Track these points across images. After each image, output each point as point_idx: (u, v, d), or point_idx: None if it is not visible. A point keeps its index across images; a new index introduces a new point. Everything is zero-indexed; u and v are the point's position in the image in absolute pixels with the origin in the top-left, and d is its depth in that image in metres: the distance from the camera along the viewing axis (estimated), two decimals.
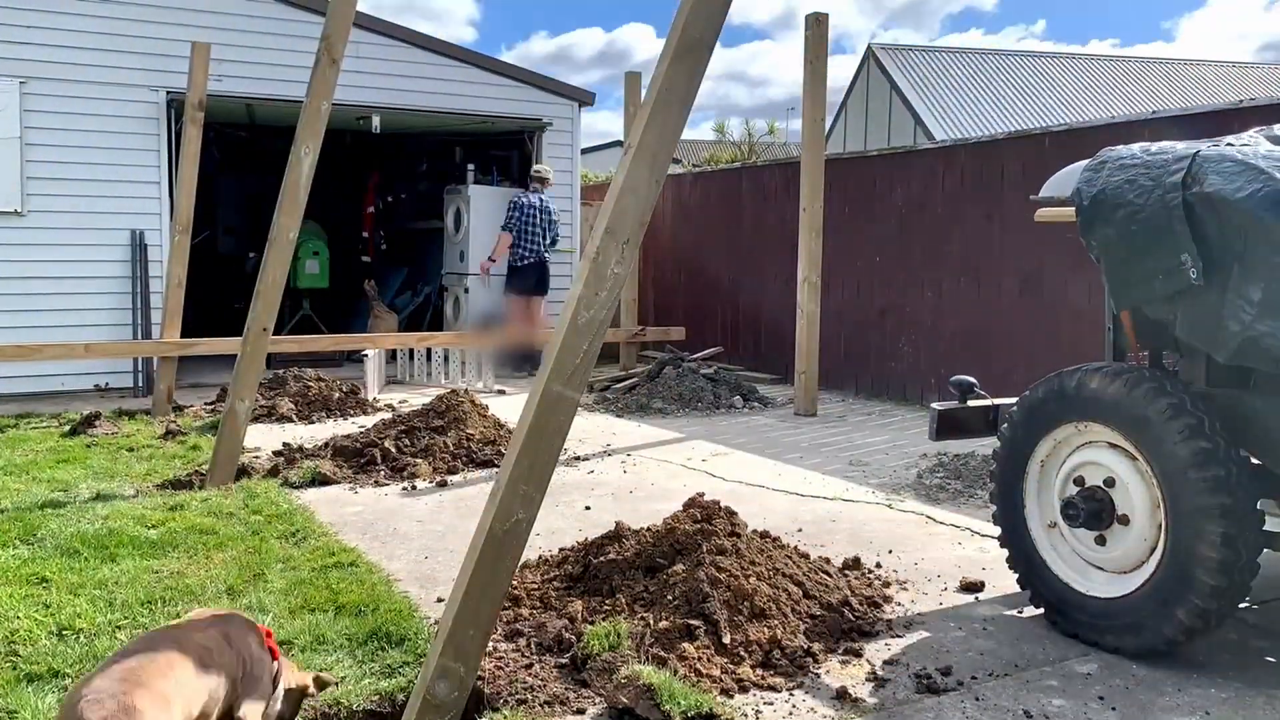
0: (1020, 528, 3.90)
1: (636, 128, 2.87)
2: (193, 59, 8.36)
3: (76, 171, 9.52)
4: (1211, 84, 34.09)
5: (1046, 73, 34.40)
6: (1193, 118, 7.49)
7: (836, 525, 5.26)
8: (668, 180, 13.95)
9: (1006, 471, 3.95)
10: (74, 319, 9.41)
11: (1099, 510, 3.60)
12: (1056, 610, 3.76)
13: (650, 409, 8.96)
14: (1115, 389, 3.53)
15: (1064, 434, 3.76)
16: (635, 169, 2.85)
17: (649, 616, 3.53)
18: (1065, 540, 3.79)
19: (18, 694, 3.11)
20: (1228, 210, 3.22)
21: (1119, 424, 3.52)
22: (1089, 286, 7.79)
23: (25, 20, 9.35)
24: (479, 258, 11.55)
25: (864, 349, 9.98)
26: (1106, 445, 3.62)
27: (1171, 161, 3.46)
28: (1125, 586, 3.56)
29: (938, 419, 4.51)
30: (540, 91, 12.06)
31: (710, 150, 30.41)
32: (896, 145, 17.15)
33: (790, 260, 9.22)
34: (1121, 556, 3.59)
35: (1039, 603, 3.84)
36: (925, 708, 3.17)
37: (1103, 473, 3.62)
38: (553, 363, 2.83)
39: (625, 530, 4.20)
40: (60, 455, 6.65)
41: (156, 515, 5.11)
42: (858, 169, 10.11)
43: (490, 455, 6.57)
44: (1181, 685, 3.32)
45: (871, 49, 34.26)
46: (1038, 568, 3.84)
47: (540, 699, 3.15)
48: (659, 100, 2.84)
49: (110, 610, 3.81)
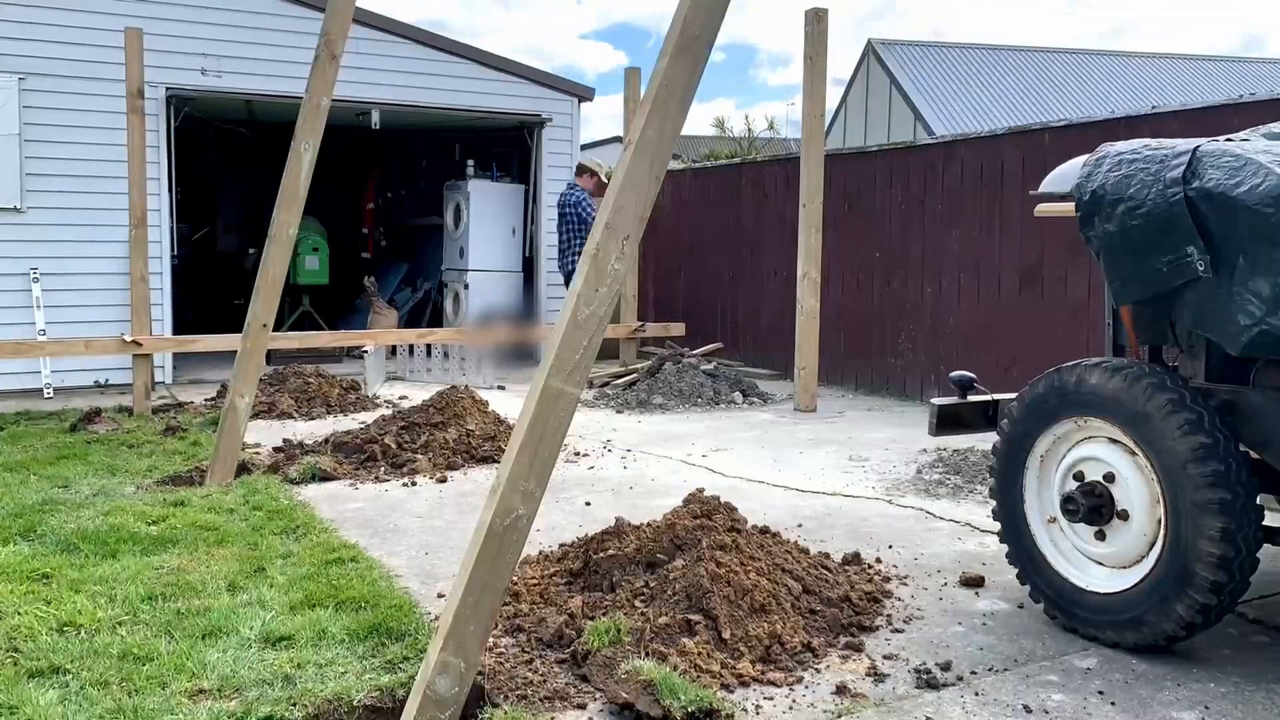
0: (1020, 523, 3.90)
1: (636, 124, 2.87)
2: (127, 47, 8.26)
3: (75, 168, 9.52)
4: (1214, 78, 34.07)
5: (1047, 68, 34.38)
6: (1193, 112, 7.49)
7: (836, 520, 5.27)
8: (667, 176, 13.87)
9: (1006, 467, 3.95)
10: (73, 315, 9.42)
11: (1098, 505, 3.60)
12: (1056, 605, 3.76)
13: (650, 405, 8.96)
14: (1115, 384, 3.53)
15: (1063, 429, 3.76)
16: (635, 165, 2.85)
17: (649, 612, 3.54)
18: (1065, 535, 3.79)
19: (19, 690, 3.12)
20: (1229, 205, 3.22)
21: (1119, 419, 3.52)
22: (1089, 282, 7.79)
23: (23, 16, 9.35)
24: (479, 254, 11.55)
25: (864, 345, 9.98)
26: (1106, 440, 3.62)
27: (1171, 157, 3.45)
28: (1125, 581, 3.56)
29: (937, 414, 4.50)
30: (540, 87, 12.06)
31: (710, 146, 30.38)
32: (896, 140, 17.14)
33: (790, 256, 9.22)
34: (1121, 551, 3.59)
35: (1038, 598, 3.84)
36: (925, 702, 3.18)
37: (1102, 468, 3.62)
38: (553, 359, 2.83)
39: (625, 526, 4.20)
40: (60, 451, 6.65)
41: (157, 511, 5.11)
42: (858, 164, 10.11)
43: (490, 451, 6.57)
44: (1181, 680, 3.33)
45: (871, 44, 34.25)
46: (1037, 563, 3.84)
47: (540, 694, 3.15)
48: (658, 96, 2.84)
49: (111, 606, 3.81)
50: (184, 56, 9.96)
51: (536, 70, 12.25)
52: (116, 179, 9.63)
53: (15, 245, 9.34)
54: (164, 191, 9.90)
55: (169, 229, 10.11)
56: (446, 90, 11.39)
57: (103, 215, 9.63)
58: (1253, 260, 3.20)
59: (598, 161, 11.28)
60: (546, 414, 2.85)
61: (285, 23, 10.33)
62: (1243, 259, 3.24)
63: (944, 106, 31.14)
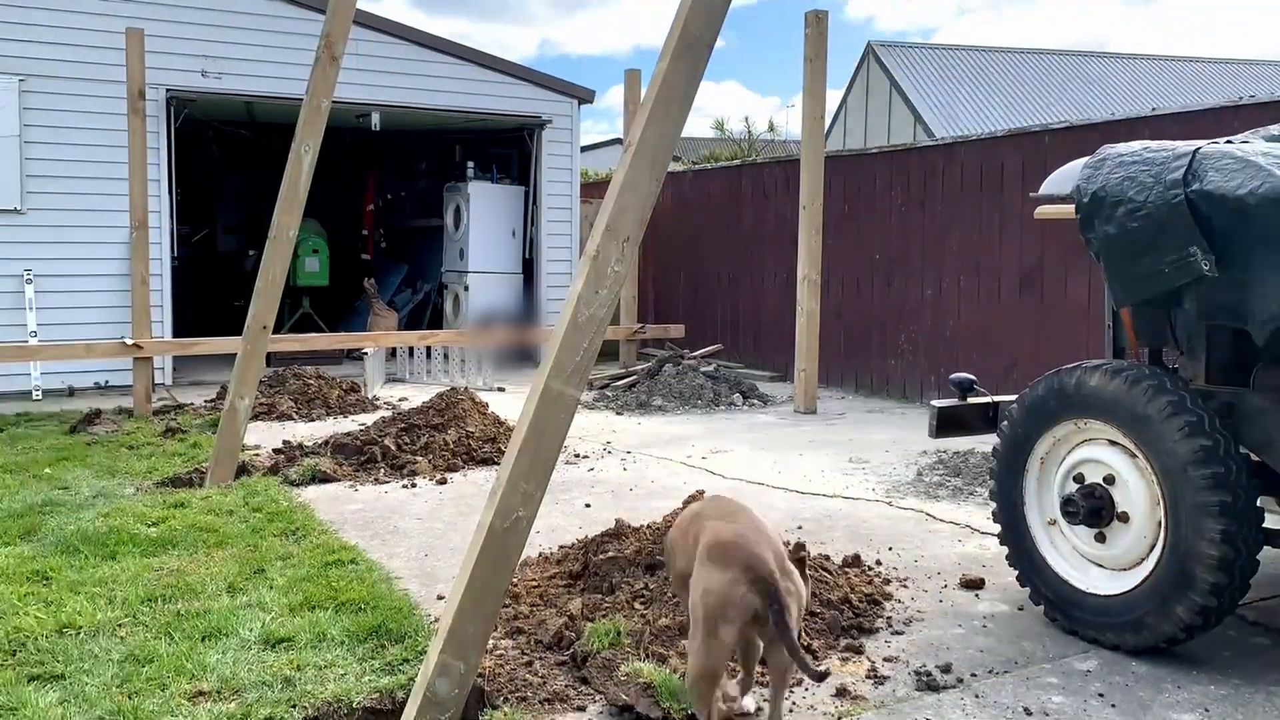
0: (1020, 525, 3.90)
1: (636, 126, 2.87)
2: (128, 49, 8.27)
3: (75, 169, 9.53)
4: (1211, 81, 34.08)
5: (1047, 70, 34.39)
6: (1192, 114, 7.49)
7: (836, 522, 5.26)
8: (668, 177, 13.89)
9: (1006, 469, 3.95)
10: (74, 316, 9.42)
11: (1098, 508, 3.60)
12: (1056, 607, 3.76)
13: (650, 406, 8.96)
14: (1115, 386, 3.53)
15: (1063, 431, 3.76)
16: (635, 167, 2.85)
17: (649, 614, 3.54)
18: (1065, 537, 3.79)
19: (19, 692, 3.12)
20: (1230, 206, 3.22)
21: (1119, 421, 3.52)
22: (1089, 284, 7.79)
23: (24, 18, 9.35)
24: (479, 255, 11.55)
25: (864, 346, 9.98)
26: (1106, 442, 3.62)
27: (1172, 159, 3.46)
28: (1125, 584, 3.56)
29: (937, 416, 4.49)
30: (540, 89, 12.07)
31: (710, 147, 30.40)
32: (897, 143, 17.15)
33: (790, 257, 9.22)
34: (1121, 554, 3.59)
35: (1039, 600, 3.84)
36: (925, 705, 3.17)
37: (1102, 470, 3.62)
38: (553, 361, 2.83)
39: (625, 528, 4.20)
40: (61, 453, 6.65)
41: (157, 513, 5.11)
42: (858, 166, 10.11)
43: (490, 453, 6.57)
44: (1181, 682, 3.33)
45: (871, 46, 34.26)
46: (1037, 565, 3.84)
47: (540, 696, 3.15)
48: (659, 98, 2.84)
49: (111, 608, 3.81)
50: (184, 58, 9.97)
51: (536, 72, 12.26)
52: (117, 180, 9.63)
53: (15, 247, 9.34)
54: (164, 193, 9.91)
55: (169, 230, 10.11)
56: (447, 92, 11.40)
57: (103, 217, 9.63)
58: (1258, 258, 3.21)
59: None
60: (546, 416, 2.85)
61: (285, 24, 10.34)
62: (1249, 256, 3.23)
63: (944, 108, 31.14)
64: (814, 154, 8.70)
